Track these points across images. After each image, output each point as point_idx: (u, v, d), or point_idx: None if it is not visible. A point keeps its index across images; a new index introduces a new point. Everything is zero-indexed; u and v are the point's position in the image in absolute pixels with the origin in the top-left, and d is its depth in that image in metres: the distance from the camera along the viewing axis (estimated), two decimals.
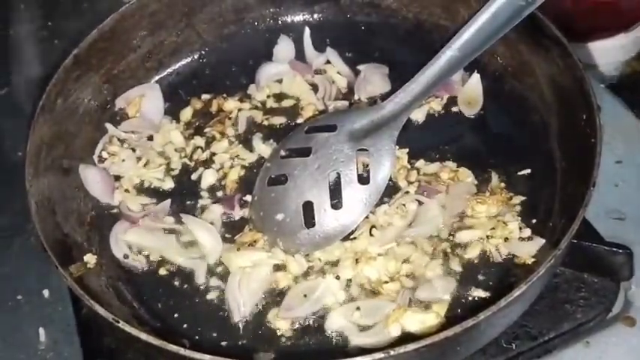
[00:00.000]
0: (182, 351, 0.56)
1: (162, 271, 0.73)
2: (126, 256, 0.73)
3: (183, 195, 0.79)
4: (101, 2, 1.08)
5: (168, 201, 0.78)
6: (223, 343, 0.67)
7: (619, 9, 0.91)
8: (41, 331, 0.74)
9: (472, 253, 0.71)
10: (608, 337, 0.70)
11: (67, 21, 1.08)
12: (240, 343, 0.67)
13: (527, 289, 0.59)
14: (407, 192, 0.76)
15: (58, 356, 0.72)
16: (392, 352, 0.55)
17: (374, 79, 0.87)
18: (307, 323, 0.68)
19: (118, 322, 0.58)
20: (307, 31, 0.91)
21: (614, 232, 0.76)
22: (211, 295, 0.71)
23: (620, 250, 0.70)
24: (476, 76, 0.85)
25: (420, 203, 0.75)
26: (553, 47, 0.76)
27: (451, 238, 0.73)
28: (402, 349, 0.55)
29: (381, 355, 0.55)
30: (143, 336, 0.57)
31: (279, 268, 0.71)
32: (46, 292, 0.77)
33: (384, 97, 0.85)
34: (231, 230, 0.75)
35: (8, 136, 0.95)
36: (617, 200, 0.80)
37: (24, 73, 1.03)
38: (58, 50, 1.02)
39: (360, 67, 0.88)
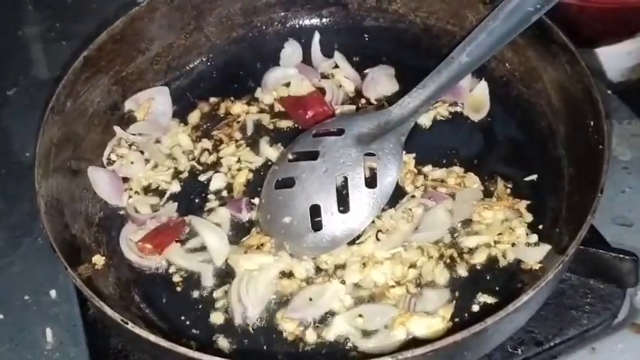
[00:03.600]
0: (191, 353, 0.56)
1: (170, 274, 0.73)
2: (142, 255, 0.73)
3: (191, 197, 0.79)
4: (109, 4, 1.08)
5: (175, 204, 0.78)
6: (230, 345, 0.68)
7: (625, 15, 0.91)
8: (48, 331, 0.75)
9: (479, 259, 0.71)
10: (614, 344, 0.70)
11: (75, 23, 1.09)
12: (246, 345, 0.68)
13: (535, 294, 0.59)
14: (413, 196, 0.76)
15: (65, 356, 0.73)
16: (400, 357, 0.55)
17: (382, 79, 0.87)
18: (313, 326, 0.68)
19: (127, 323, 0.58)
20: (317, 36, 0.91)
21: (621, 238, 0.77)
22: (218, 298, 0.71)
23: (627, 257, 0.69)
24: (483, 82, 0.85)
25: (427, 208, 0.75)
26: (561, 54, 0.76)
27: (458, 243, 0.73)
28: (409, 354, 0.55)
29: (388, 359, 0.55)
30: (152, 337, 0.57)
31: (285, 273, 0.71)
32: (53, 293, 0.78)
33: (393, 97, 0.85)
34: (239, 233, 0.76)
35: (16, 136, 0.95)
36: (624, 207, 0.80)
37: (32, 74, 1.04)
38: (66, 51, 1.03)
39: (367, 71, 0.89)
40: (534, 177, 0.77)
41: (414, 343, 0.65)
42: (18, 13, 1.13)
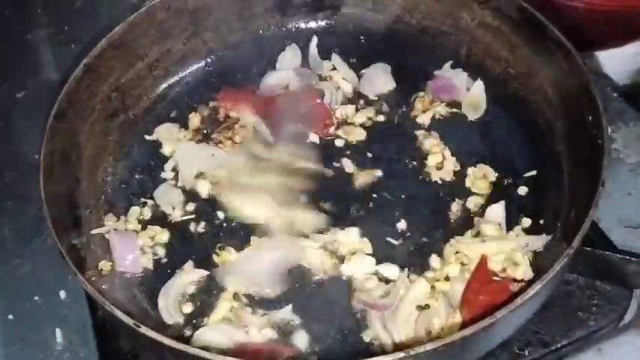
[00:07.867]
0: (202, 353, 0.56)
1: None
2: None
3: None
4: (117, 7, 1.07)
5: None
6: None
7: (631, 18, 0.90)
8: (58, 332, 0.74)
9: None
10: (621, 345, 0.70)
11: (83, 26, 1.08)
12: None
13: (542, 288, 0.58)
14: None
15: (75, 357, 0.72)
16: (411, 352, 0.54)
17: (378, 77, 0.88)
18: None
19: (140, 327, 0.58)
20: (315, 39, 0.91)
21: (627, 240, 0.76)
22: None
23: (634, 259, 0.68)
24: (479, 82, 0.85)
25: None
26: (557, 51, 0.75)
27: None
28: (421, 349, 0.54)
29: (400, 354, 0.54)
30: (166, 341, 0.56)
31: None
32: (62, 294, 0.77)
33: (390, 94, 0.86)
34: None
35: (26, 138, 0.95)
36: (631, 209, 0.78)
37: (41, 77, 1.02)
38: (75, 54, 1.02)
39: (363, 71, 0.89)
40: (534, 173, 0.77)
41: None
42: (26, 16, 1.13)
